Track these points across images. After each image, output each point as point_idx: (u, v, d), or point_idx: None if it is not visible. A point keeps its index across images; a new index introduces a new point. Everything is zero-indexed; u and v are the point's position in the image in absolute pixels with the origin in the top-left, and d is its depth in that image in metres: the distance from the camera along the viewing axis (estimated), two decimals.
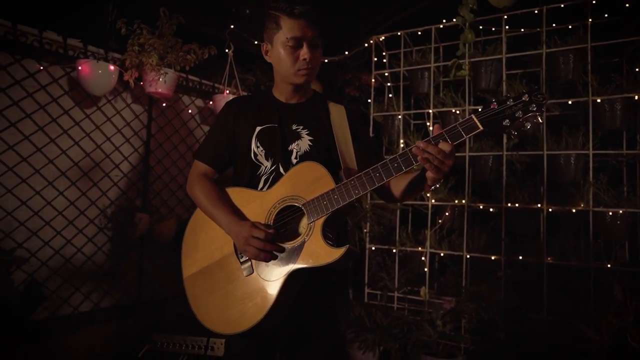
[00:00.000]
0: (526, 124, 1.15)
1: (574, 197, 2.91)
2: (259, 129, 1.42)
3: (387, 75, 3.68)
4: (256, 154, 1.41)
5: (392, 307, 3.28)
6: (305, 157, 1.38)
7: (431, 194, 3.31)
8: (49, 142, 2.51)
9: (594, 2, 2.87)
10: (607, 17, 2.94)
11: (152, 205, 3.06)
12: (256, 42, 3.34)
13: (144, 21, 2.64)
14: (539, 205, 2.96)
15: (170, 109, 3.21)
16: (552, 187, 3.04)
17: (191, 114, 3.38)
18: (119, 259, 2.79)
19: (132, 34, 2.61)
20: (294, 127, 1.42)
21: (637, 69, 2.83)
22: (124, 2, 2.61)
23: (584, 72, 2.94)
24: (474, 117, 1.13)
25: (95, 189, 2.74)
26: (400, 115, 3.51)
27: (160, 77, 2.69)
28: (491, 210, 3.18)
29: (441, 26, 3.33)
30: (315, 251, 1.21)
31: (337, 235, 1.31)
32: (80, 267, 2.65)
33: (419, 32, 3.45)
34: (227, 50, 3.19)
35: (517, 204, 3.02)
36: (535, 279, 2.89)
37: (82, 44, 2.58)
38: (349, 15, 3.62)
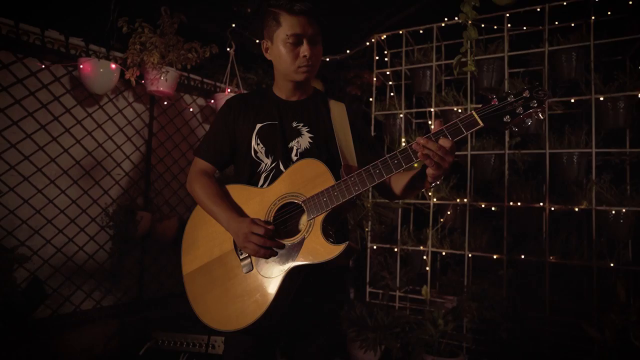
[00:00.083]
0: (527, 120, 1.15)
1: (576, 195, 2.90)
2: (259, 127, 1.42)
3: (388, 74, 3.67)
4: (256, 152, 1.40)
5: (394, 306, 3.28)
6: (305, 155, 1.38)
7: (433, 193, 3.30)
8: (50, 140, 2.52)
9: (596, 0, 2.86)
10: (610, 14, 2.93)
11: (154, 204, 3.07)
12: (257, 41, 3.34)
13: (146, 20, 2.65)
14: (541, 204, 2.95)
15: (171, 107, 3.21)
16: (555, 186, 3.03)
17: (193, 113, 3.38)
18: (120, 257, 2.79)
19: (133, 32, 2.61)
20: (295, 124, 1.42)
21: None
22: (125, 1, 2.62)
23: (587, 70, 2.92)
24: (474, 113, 1.13)
25: (97, 188, 2.74)
26: (402, 114, 3.51)
27: (161, 76, 2.70)
28: (493, 209, 3.17)
29: (443, 24, 3.32)
30: (314, 248, 1.20)
31: (337, 232, 1.30)
32: (82, 266, 2.66)
33: (421, 31, 3.44)
34: (228, 49, 3.19)
35: (519, 203, 3.01)
36: (537, 278, 2.88)
37: (83, 43, 2.59)
38: (351, 13, 3.61)
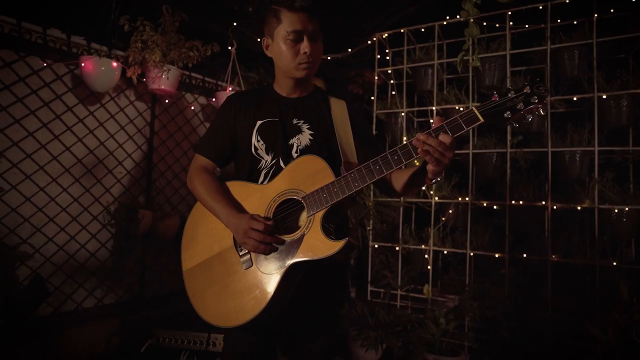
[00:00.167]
0: (528, 116, 1.14)
1: (579, 194, 2.89)
2: (259, 123, 1.41)
3: (390, 72, 3.66)
4: (257, 148, 1.40)
5: (395, 305, 3.27)
6: (305, 151, 1.37)
7: (434, 192, 3.29)
8: (52, 139, 2.52)
9: None
10: (612, 12, 2.91)
11: (155, 202, 3.07)
12: (259, 40, 3.33)
13: (147, 18, 2.66)
14: (544, 202, 2.94)
15: (173, 106, 3.22)
16: (557, 185, 3.01)
17: (194, 112, 3.38)
18: (122, 255, 2.80)
19: (135, 30, 2.62)
20: (295, 121, 1.42)
21: None
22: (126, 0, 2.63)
23: (590, 68, 2.91)
24: (474, 109, 1.13)
25: (98, 186, 2.75)
26: (403, 112, 3.50)
27: (163, 74, 2.70)
28: (495, 207, 3.16)
29: (444, 23, 3.31)
30: (314, 244, 1.20)
31: (336, 228, 1.30)
32: (83, 264, 2.66)
33: (423, 29, 3.43)
34: (229, 47, 3.19)
35: (521, 202, 3.00)
36: (539, 277, 2.86)
37: (85, 41, 2.60)
38: (352, 12, 3.61)
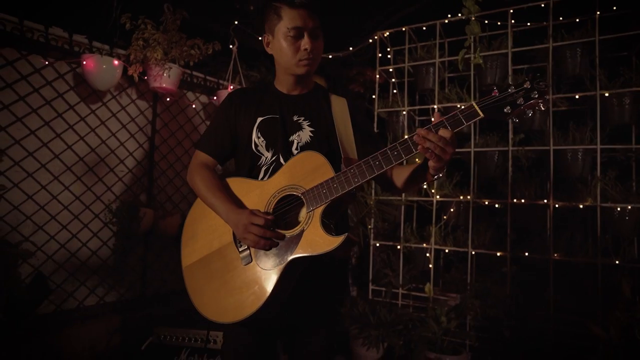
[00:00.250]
0: (528, 111, 1.15)
1: (581, 192, 2.88)
2: (260, 120, 1.42)
3: (391, 71, 3.66)
4: (257, 145, 1.40)
5: (397, 304, 3.27)
6: (306, 148, 1.38)
7: (436, 190, 3.28)
8: (54, 137, 2.53)
9: None
10: (615, 10, 2.90)
11: (157, 200, 3.08)
12: (260, 38, 3.33)
13: (148, 16, 2.66)
14: (546, 201, 2.93)
15: (174, 104, 3.22)
16: (559, 183, 3.00)
17: (195, 110, 3.39)
18: (123, 254, 2.81)
19: (136, 29, 2.62)
20: (295, 118, 1.42)
21: None
22: None
23: (592, 66, 2.90)
24: (474, 104, 1.13)
25: (100, 184, 2.76)
26: (404, 111, 3.50)
27: (164, 72, 2.71)
28: (497, 206, 3.15)
29: (446, 21, 3.30)
30: (313, 240, 1.20)
31: (337, 224, 1.30)
32: (85, 262, 2.67)
33: (424, 28, 3.42)
34: (231, 46, 3.20)
35: (523, 200, 2.99)
36: (541, 275, 2.86)
37: (87, 40, 2.60)
38: (353, 11, 3.61)
